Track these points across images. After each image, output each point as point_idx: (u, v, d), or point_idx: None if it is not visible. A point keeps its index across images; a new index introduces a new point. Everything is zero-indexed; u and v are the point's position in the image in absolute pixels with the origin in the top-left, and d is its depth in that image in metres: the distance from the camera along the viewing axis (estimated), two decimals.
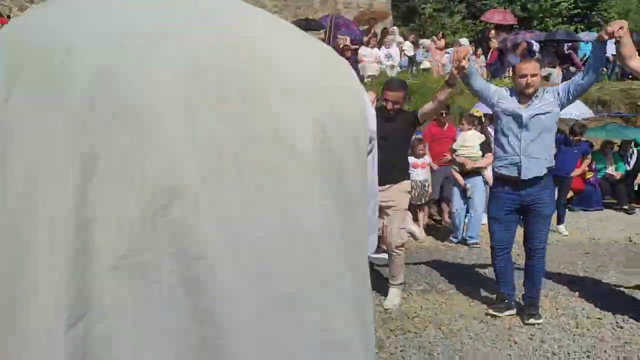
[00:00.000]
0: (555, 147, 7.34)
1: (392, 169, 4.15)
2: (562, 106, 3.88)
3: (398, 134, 4.17)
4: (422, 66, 12.36)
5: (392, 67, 12.10)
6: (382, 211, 4.23)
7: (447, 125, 7.67)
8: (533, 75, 3.81)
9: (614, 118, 11.11)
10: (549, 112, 3.82)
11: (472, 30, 19.55)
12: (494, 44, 13.33)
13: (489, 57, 13.26)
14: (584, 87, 3.78)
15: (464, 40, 14.51)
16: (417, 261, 5.74)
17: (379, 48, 12.22)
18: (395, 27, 13.78)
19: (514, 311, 4.09)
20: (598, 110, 11.49)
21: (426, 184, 6.95)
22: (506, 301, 4.12)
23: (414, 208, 7.30)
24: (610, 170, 9.48)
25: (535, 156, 3.85)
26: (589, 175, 8.94)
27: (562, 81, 12.80)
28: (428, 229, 7.44)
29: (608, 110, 11.66)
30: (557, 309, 4.23)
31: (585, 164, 7.76)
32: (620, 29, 3.49)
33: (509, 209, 4.01)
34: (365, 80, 10.77)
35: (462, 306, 4.31)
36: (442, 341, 3.67)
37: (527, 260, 4.11)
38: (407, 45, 13.06)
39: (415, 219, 7.40)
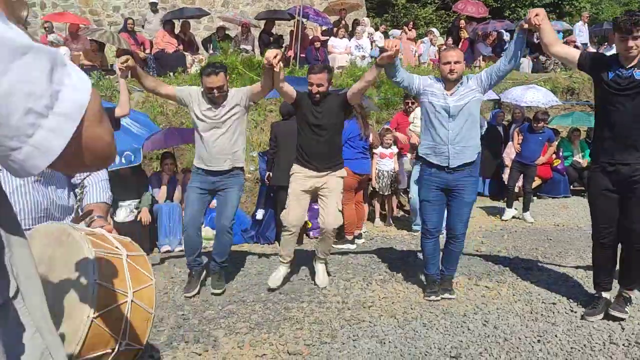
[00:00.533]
0: (520, 135, 7.46)
1: (327, 155, 4.29)
2: (484, 91, 4.00)
3: (331, 119, 4.25)
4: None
5: (363, 57, 12.02)
6: (318, 196, 4.39)
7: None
8: (456, 62, 3.89)
9: (583, 107, 11.20)
10: (473, 99, 3.92)
11: (445, 21, 19.59)
12: (465, 33, 13.34)
13: (459, 46, 13.25)
14: (505, 73, 3.92)
15: (435, 30, 14.53)
16: (380, 250, 5.73)
17: (349, 39, 12.15)
18: (366, 18, 13.72)
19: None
20: (567, 99, 11.59)
21: (393, 174, 6.94)
22: (437, 282, 4.25)
23: (382, 198, 7.30)
24: (578, 157, 9.58)
25: (463, 144, 3.94)
26: (556, 162, 9.01)
27: (532, 71, 12.92)
28: (398, 220, 7.44)
29: (577, 98, 11.76)
30: (513, 295, 4.24)
31: (551, 151, 7.79)
32: (536, 16, 3.58)
33: (437, 190, 4.08)
34: (336, 71, 10.69)
35: (419, 295, 4.29)
36: (395, 329, 3.65)
37: (446, 244, 4.23)
38: (378, 36, 13.00)
39: (383, 209, 7.40)
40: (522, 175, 7.43)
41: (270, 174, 6.26)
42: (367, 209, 7.35)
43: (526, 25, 3.68)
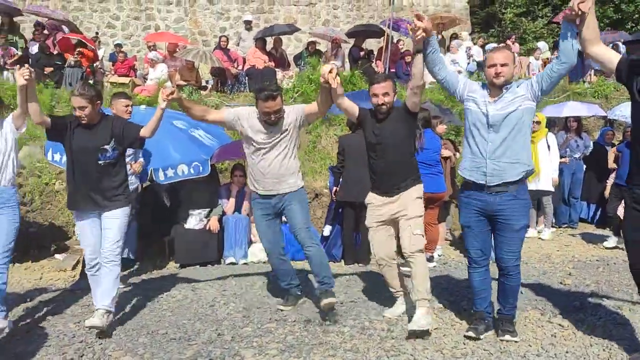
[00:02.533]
0: (617, 153, 6.57)
1: (396, 175, 3.86)
2: (536, 98, 3.43)
3: (395, 134, 3.85)
4: None
5: (459, 72, 11.47)
6: (395, 222, 3.94)
7: None
8: (503, 65, 3.40)
9: None
10: (520, 107, 3.40)
11: (557, 35, 18.26)
12: None
13: None
14: (559, 75, 3.33)
15: (542, 44, 13.57)
16: (448, 276, 5.25)
17: (445, 53, 11.65)
18: (464, 33, 13.13)
19: (493, 331, 3.69)
20: None
21: None
22: (485, 320, 3.69)
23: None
24: None
25: (505, 160, 3.42)
26: None
27: None
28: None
29: None
30: (590, 338, 3.59)
31: None
32: (581, 2, 2.95)
33: (478, 215, 3.59)
34: (428, 86, 10.26)
35: None
36: None
37: (499, 277, 3.65)
38: (476, 50, 12.35)
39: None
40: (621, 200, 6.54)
41: (337, 189, 6.03)
42: (445, 230, 6.86)
43: (570, 13, 3.06)
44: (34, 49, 10.61)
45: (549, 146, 7.03)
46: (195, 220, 6.17)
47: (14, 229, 3.80)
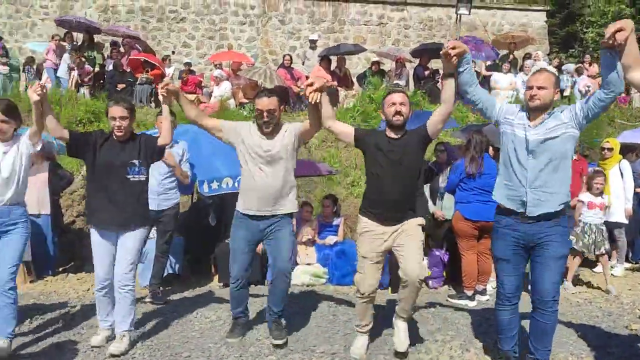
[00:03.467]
0: None
1: (404, 202, 3.61)
2: (580, 126, 3.16)
3: (411, 157, 3.59)
4: (565, 93, 10.95)
5: None
6: (394, 247, 3.67)
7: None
8: (540, 88, 3.16)
9: None
10: (563, 134, 3.14)
11: None
12: None
13: None
14: (605, 103, 3.03)
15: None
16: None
17: (515, 74, 11.15)
18: (540, 52, 12.51)
19: None
20: None
21: (602, 229, 5.85)
22: None
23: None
24: None
25: (545, 190, 3.17)
26: None
27: None
28: None
29: None
30: None
31: None
32: (617, 32, 2.66)
33: (516, 246, 3.31)
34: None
35: None
36: None
37: (533, 312, 3.31)
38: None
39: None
40: None
41: None
42: None
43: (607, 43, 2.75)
44: (110, 66, 11.17)
45: (622, 174, 6.45)
46: None
47: (23, 245, 3.79)
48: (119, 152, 3.80)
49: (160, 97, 3.82)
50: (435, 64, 13.08)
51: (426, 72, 11.01)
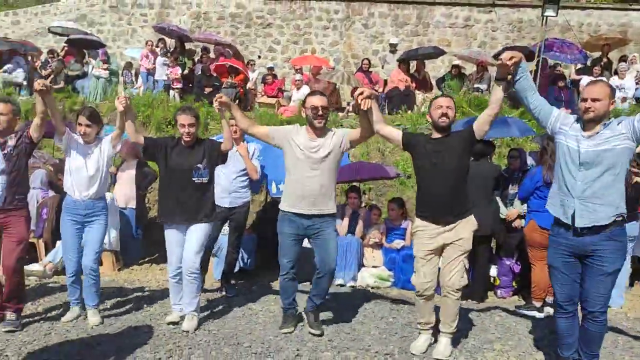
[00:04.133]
0: None
1: (452, 203, 3.68)
2: (638, 140, 3.06)
3: (457, 157, 3.65)
4: None
5: (624, 99, 10.27)
6: (442, 251, 3.79)
7: None
8: (594, 100, 3.10)
9: None
10: (618, 146, 3.06)
11: None
12: None
13: None
14: None
15: None
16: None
17: (608, 78, 10.52)
18: (636, 54, 11.69)
19: None
20: None
21: None
22: None
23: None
24: None
25: (595, 201, 3.10)
26: None
27: None
28: None
29: None
30: None
31: None
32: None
33: (568, 256, 3.28)
34: None
35: None
36: None
37: (582, 320, 3.33)
38: None
39: None
40: None
41: None
42: None
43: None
44: (199, 71, 11.81)
45: None
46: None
47: (103, 235, 4.34)
48: (186, 156, 4.18)
49: (216, 109, 4.09)
50: None
51: (509, 77, 10.66)
